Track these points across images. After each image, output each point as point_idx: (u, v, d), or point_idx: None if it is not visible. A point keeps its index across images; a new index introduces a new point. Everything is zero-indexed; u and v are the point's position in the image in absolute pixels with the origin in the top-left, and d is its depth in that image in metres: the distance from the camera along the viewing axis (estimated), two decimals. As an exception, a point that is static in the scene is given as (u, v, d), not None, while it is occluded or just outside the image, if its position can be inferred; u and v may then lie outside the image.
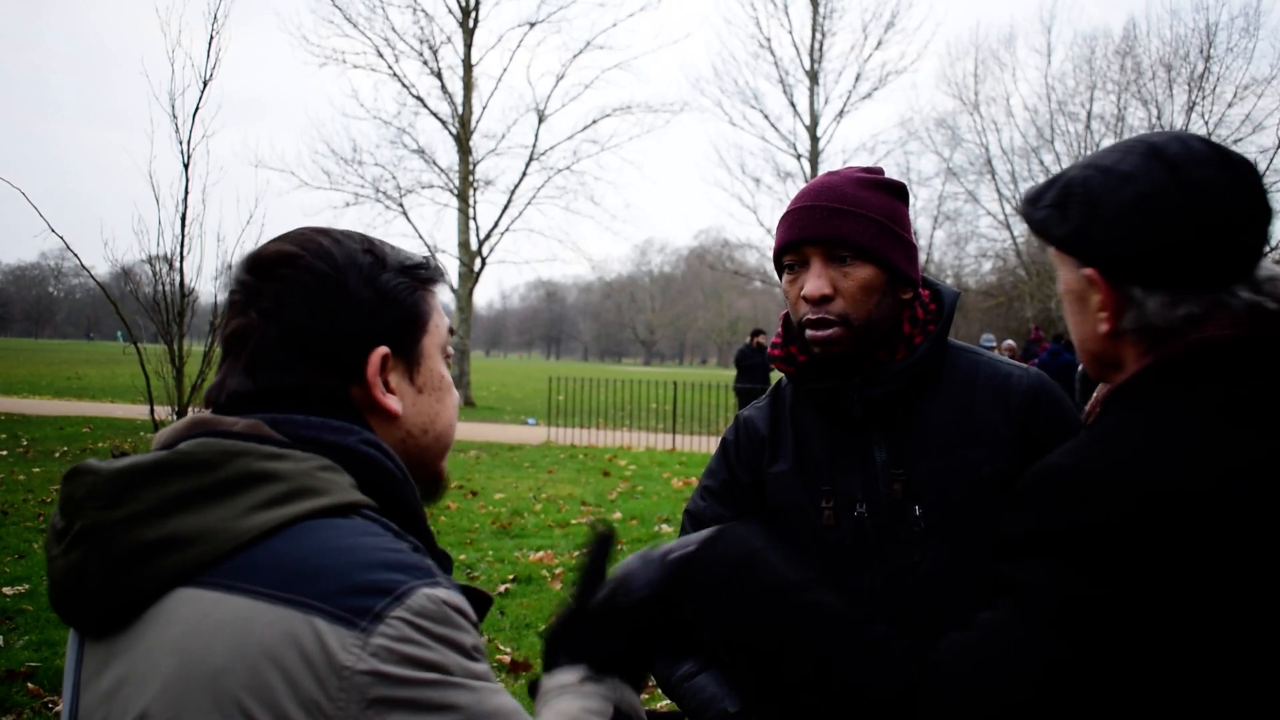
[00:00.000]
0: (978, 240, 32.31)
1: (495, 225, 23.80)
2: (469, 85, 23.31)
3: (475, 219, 23.51)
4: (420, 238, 23.89)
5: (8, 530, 6.62)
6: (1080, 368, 9.24)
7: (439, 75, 23.19)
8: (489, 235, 23.67)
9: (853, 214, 1.38)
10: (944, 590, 1.36)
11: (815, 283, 1.38)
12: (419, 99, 23.34)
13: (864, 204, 1.40)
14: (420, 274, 0.94)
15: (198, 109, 8.34)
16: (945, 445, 1.41)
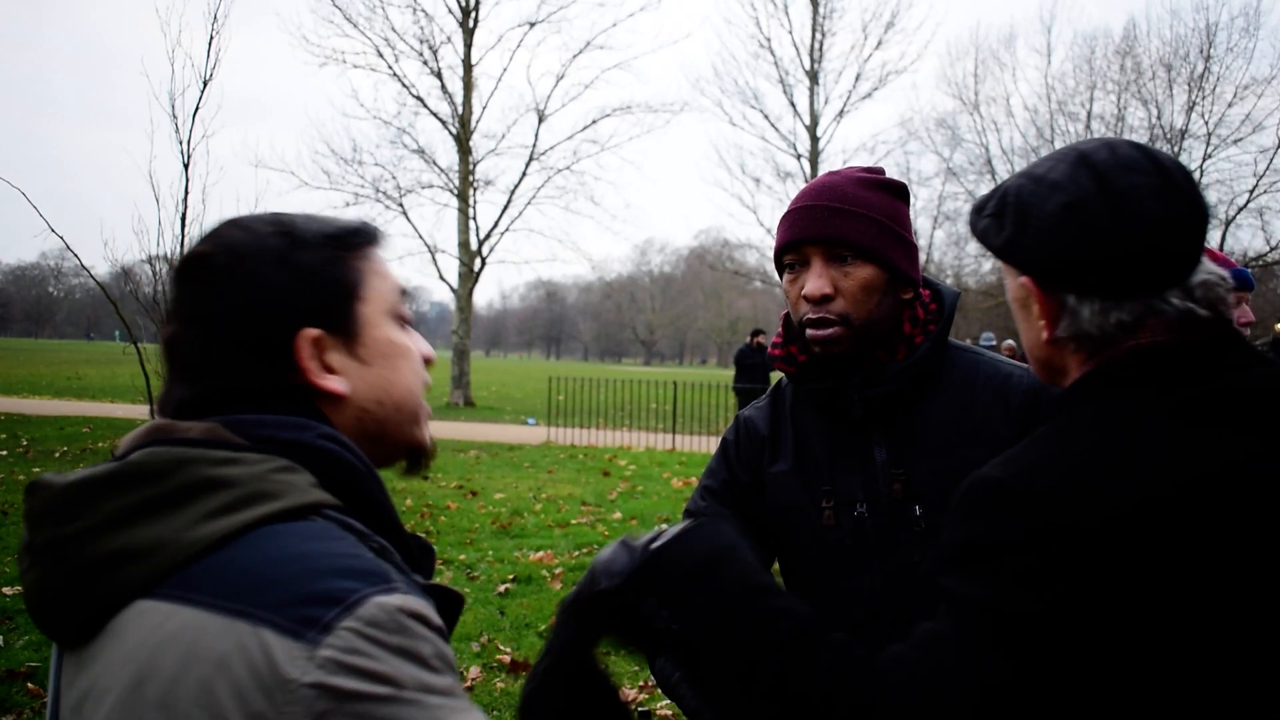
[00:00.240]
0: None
1: (495, 225, 23.81)
2: (469, 85, 23.30)
3: (475, 219, 23.51)
4: (420, 238, 23.91)
5: (8, 530, 6.62)
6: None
7: (439, 75, 23.19)
8: (489, 235, 23.67)
9: (854, 214, 1.38)
10: (944, 590, 1.36)
11: (816, 282, 1.38)
12: (419, 99, 23.35)
13: (865, 204, 1.40)
14: (347, 240, 0.89)
15: (198, 109, 8.34)
16: (945, 445, 1.41)
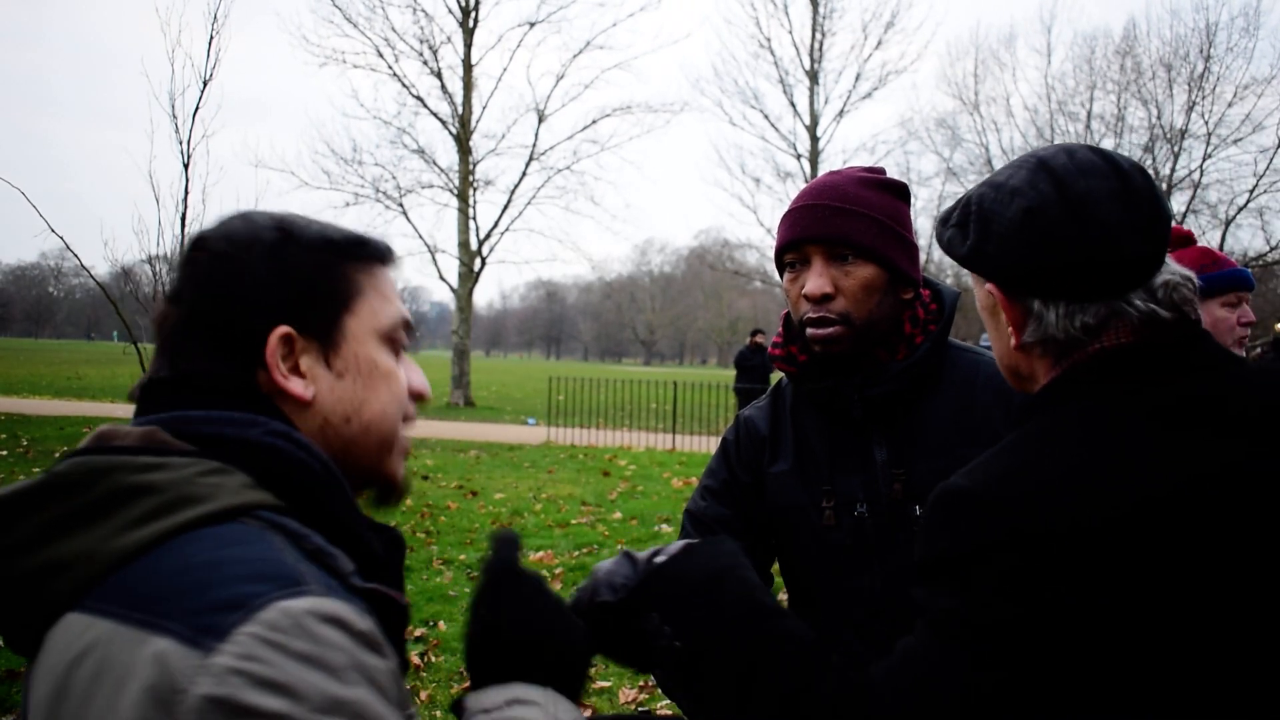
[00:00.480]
0: (978, 240, 32.08)
1: (495, 225, 23.81)
2: (469, 85, 23.31)
3: (475, 219, 23.51)
4: (420, 237, 23.90)
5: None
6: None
7: (439, 75, 23.19)
8: (489, 235, 23.67)
9: (854, 213, 1.38)
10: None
11: (816, 281, 1.38)
12: (419, 99, 23.35)
13: (866, 203, 1.40)
14: (349, 249, 0.87)
15: (198, 109, 8.33)
16: (945, 445, 1.41)
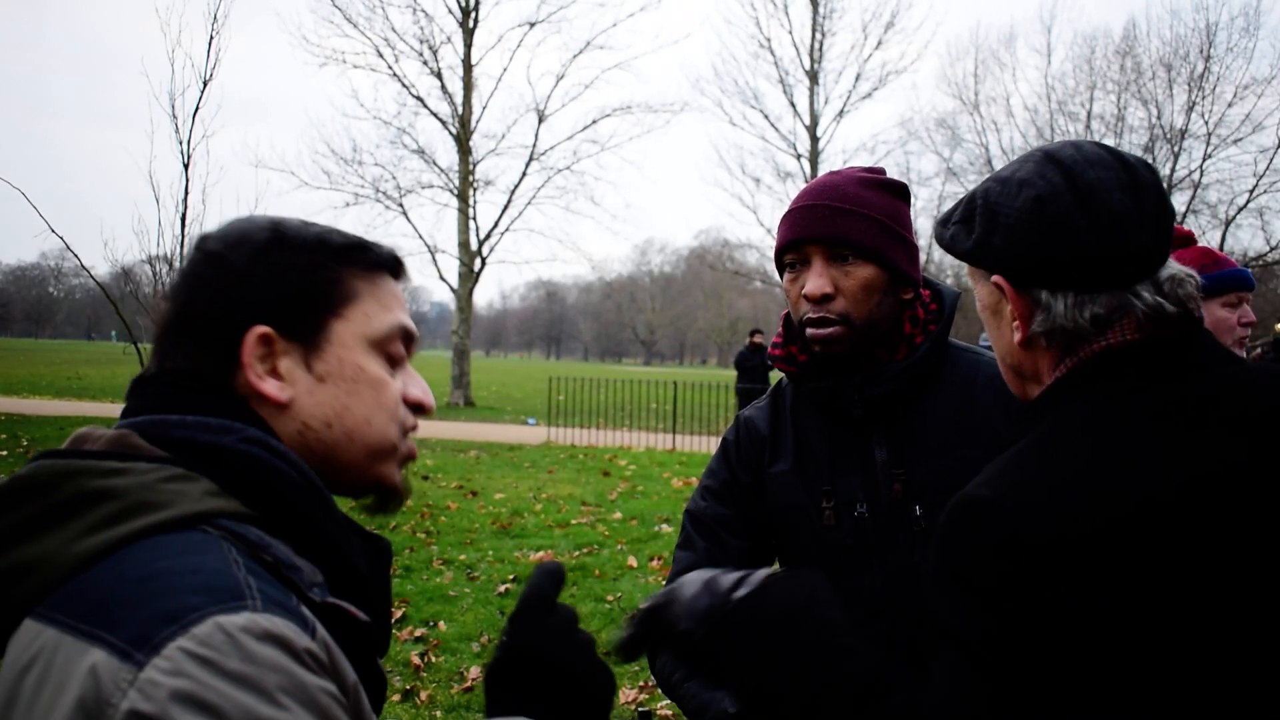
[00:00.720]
0: (978, 240, 32.02)
1: (495, 225, 23.80)
2: (469, 85, 23.30)
3: (475, 219, 23.50)
4: (420, 238, 23.90)
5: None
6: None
7: (439, 75, 23.19)
8: (489, 235, 23.67)
9: (855, 213, 1.38)
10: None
11: (816, 281, 1.38)
12: (419, 99, 23.34)
13: (866, 203, 1.40)
14: (345, 252, 0.86)
15: (198, 109, 8.32)
16: (945, 445, 1.41)
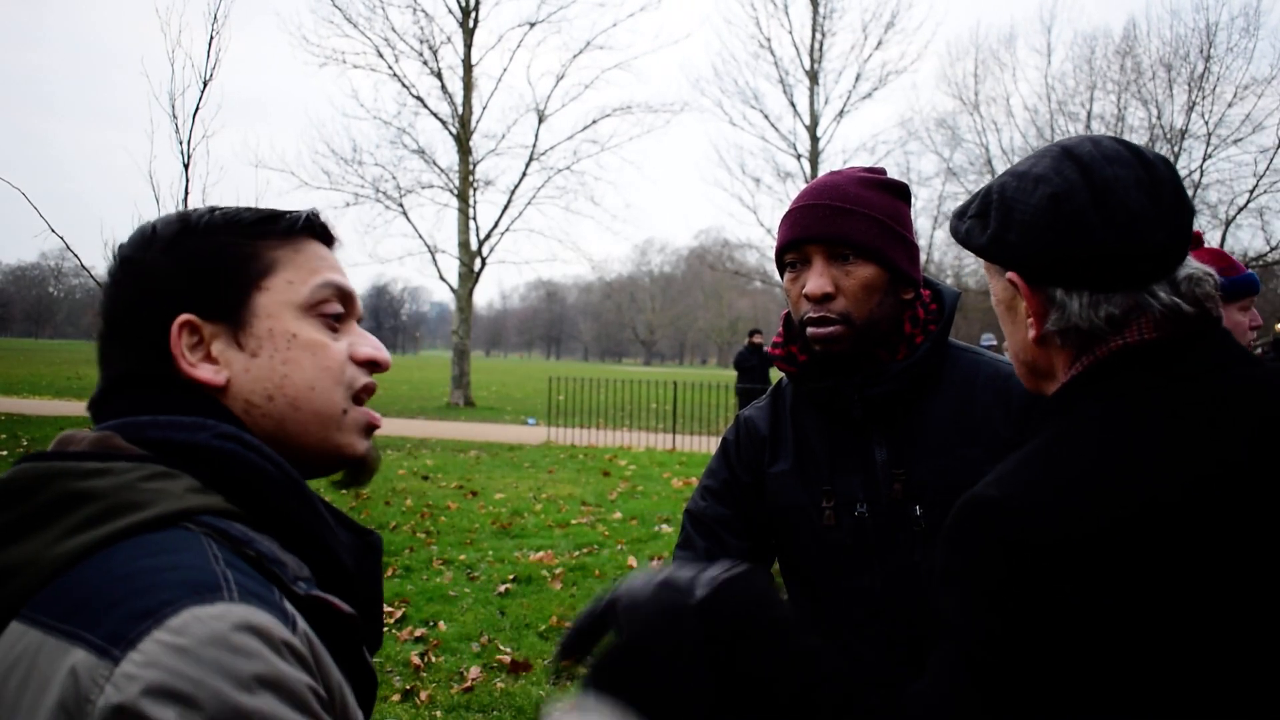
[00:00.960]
0: (978, 240, 31.96)
1: (495, 225, 23.80)
2: (469, 85, 23.30)
3: (475, 219, 23.50)
4: (420, 238, 23.89)
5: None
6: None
7: (439, 75, 23.19)
8: (489, 235, 23.66)
9: (855, 213, 1.38)
10: (945, 590, 1.36)
11: (817, 281, 1.38)
12: (419, 99, 23.34)
13: (866, 203, 1.40)
14: (257, 226, 0.86)
15: (198, 109, 8.33)
16: (945, 445, 1.41)
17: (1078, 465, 0.87)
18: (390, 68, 23.11)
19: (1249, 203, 21.21)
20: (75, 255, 7.43)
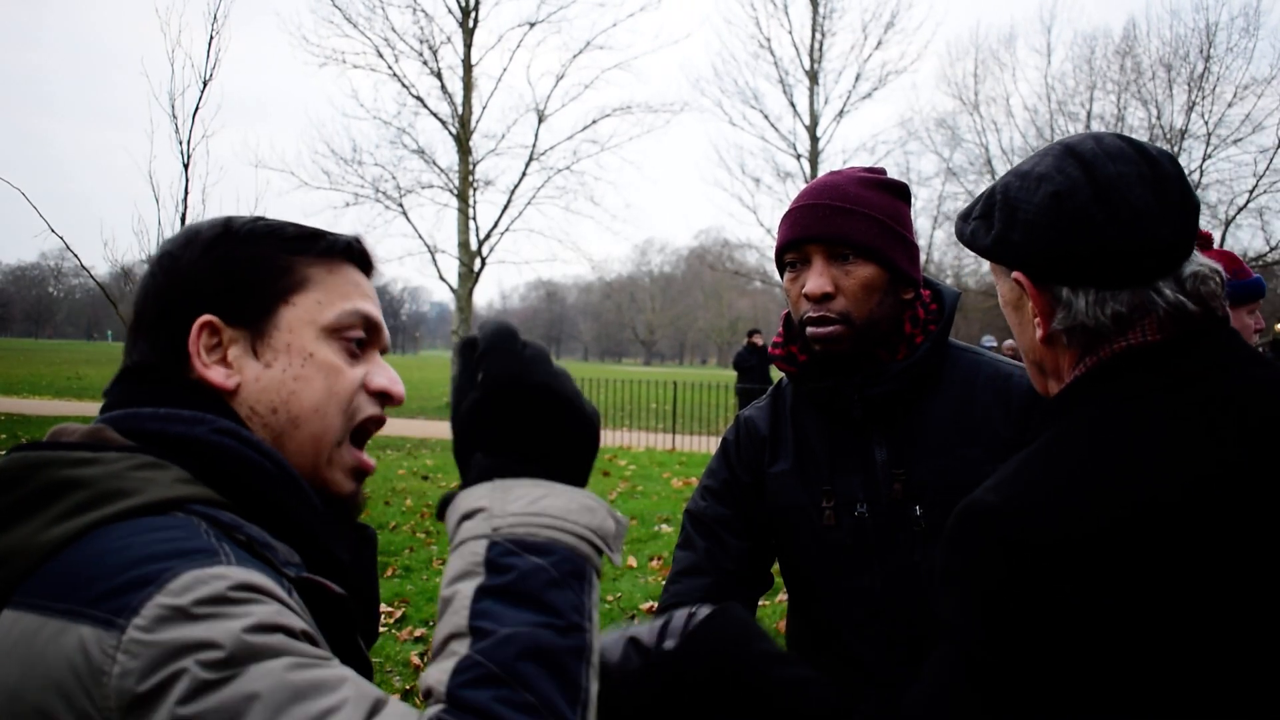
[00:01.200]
0: (978, 240, 32.01)
1: (495, 225, 23.78)
2: (469, 85, 23.30)
3: (475, 219, 23.49)
4: (420, 238, 23.88)
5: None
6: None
7: (439, 75, 23.18)
8: (489, 235, 23.65)
9: (855, 213, 1.38)
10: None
11: (817, 280, 1.38)
12: (419, 99, 23.33)
13: (866, 203, 1.40)
14: (298, 243, 0.87)
15: (198, 109, 8.34)
16: (945, 445, 1.41)
17: (1078, 466, 0.87)
18: (390, 68, 23.10)
19: (1249, 203, 21.22)
20: (75, 255, 7.43)
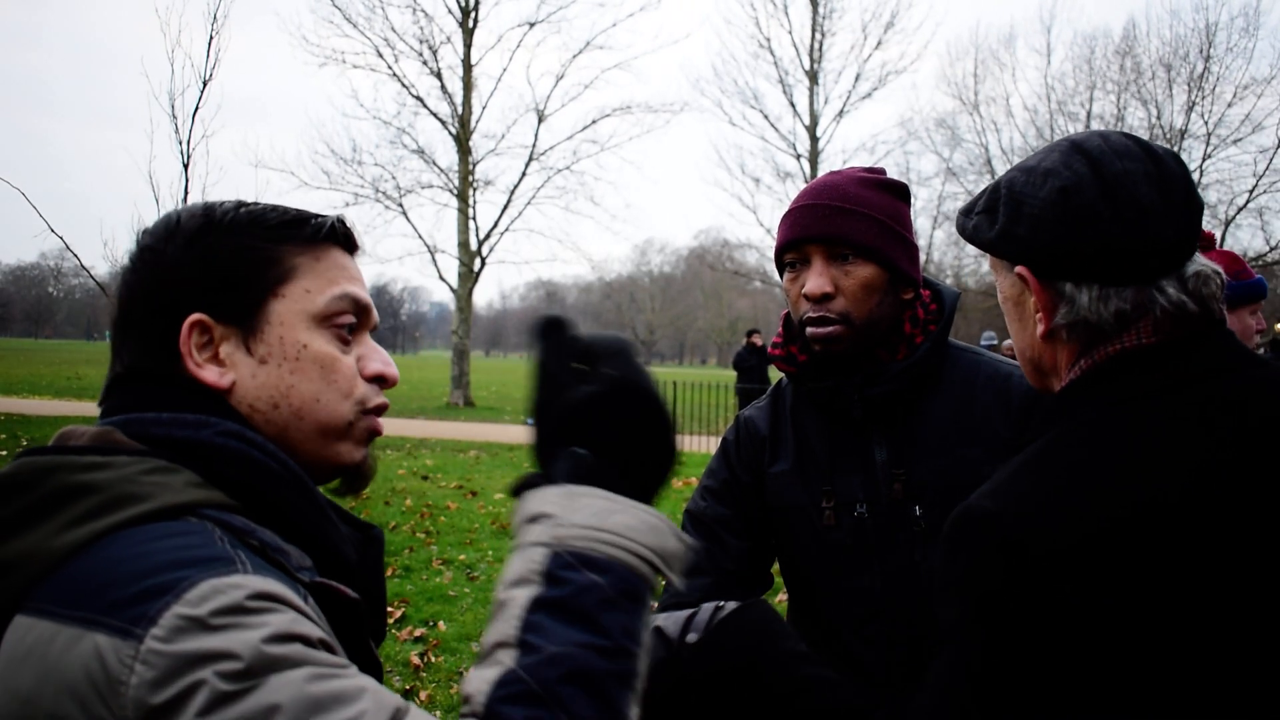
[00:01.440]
0: (977, 240, 32.01)
1: (495, 225, 23.80)
2: (469, 85, 23.30)
3: (475, 219, 23.50)
4: (420, 238, 23.90)
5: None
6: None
7: (439, 75, 23.19)
8: (489, 235, 23.66)
9: (855, 213, 1.38)
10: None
11: (816, 280, 1.38)
12: (419, 99, 23.34)
13: (866, 203, 1.40)
14: (282, 230, 0.85)
15: (197, 109, 8.35)
16: (945, 445, 1.41)
17: (1076, 467, 0.87)
18: (390, 68, 23.12)
19: (1249, 203, 21.22)
20: (75, 255, 7.43)
